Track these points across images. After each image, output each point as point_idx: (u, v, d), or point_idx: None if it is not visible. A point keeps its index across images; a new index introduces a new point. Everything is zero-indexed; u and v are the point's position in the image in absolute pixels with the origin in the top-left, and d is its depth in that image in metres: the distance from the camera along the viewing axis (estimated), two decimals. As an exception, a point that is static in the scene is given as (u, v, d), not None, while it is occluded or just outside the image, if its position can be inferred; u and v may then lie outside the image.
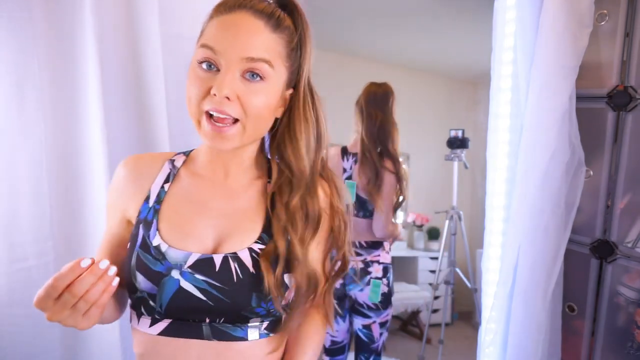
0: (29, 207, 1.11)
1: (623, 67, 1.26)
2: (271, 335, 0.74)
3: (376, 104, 1.84)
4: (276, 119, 0.77)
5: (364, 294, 1.80)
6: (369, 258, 1.83)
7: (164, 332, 0.69)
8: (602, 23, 1.29)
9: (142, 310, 0.70)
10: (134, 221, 0.75)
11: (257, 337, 0.72)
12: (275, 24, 0.70)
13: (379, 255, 1.84)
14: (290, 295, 0.74)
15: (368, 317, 1.81)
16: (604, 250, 1.29)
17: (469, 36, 3.51)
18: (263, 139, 0.82)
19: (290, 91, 0.77)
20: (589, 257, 1.33)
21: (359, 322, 1.85)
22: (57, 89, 1.13)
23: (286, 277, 0.72)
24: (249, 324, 0.71)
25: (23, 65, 1.08)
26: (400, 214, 4.52)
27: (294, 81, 0.77)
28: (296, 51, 0.74)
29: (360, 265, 1.82)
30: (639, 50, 1.22)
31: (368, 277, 1.80)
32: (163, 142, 1.23)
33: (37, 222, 1.12)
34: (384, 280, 1.81)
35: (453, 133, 3.06)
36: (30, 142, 1.10)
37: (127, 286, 0.71)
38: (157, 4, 1.20)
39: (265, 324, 0.73)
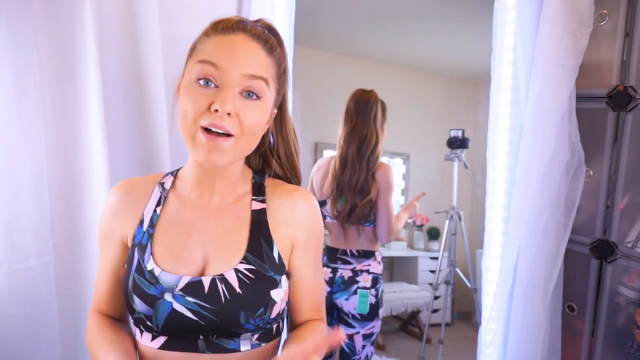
0: (29, 207, 1.10)
1: (623, 67, 1.26)
2: (263, 345, 0.76)
3: (359, 111, 1.81)
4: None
5: (350, 304, 1.76)
6: (358, 267, 1.79)
7: (163, 347, 0.73)
8: (602, 23, 1.29)
9: (142, 328, 0.74)
10: (129, 244, 0.79)
11: (250, 347, 0.74)
12: (269, 48, 0.75)
13: (369, 265, 1.80)
14: (279, 308, 0.76)
15: (352, 327, 1.77)
16: (604, 250, 1.29)
17: (469, 36, 3.51)
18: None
19: (275, 111, 0.82)
20: (589, 257, 1.33)
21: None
22: (57, 89, 1.13)
23: (272, 293, 0.74)
24: (241, 338, 0.74)
25: (23, 65, 1.08)
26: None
27: (279, 102, 0.83)
28: (282, 75, 0.80)
29: (349, 274, 1.78)
30: (639, 50, 1.22)
31: (355, 286, 1.76)
32: (163, 142, 1.23)
33: (37, 222, 1.11)
34: (372, 290, 1.76)
35: (453, 133, 3.06)
36: (30, 142, 1.10)
37: (126, 307, 0.76)
38: (157, 4, 1.20)
39: (256, 335, 0.75)
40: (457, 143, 3.03)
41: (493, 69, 1.44)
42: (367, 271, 1.79)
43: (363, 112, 1.79)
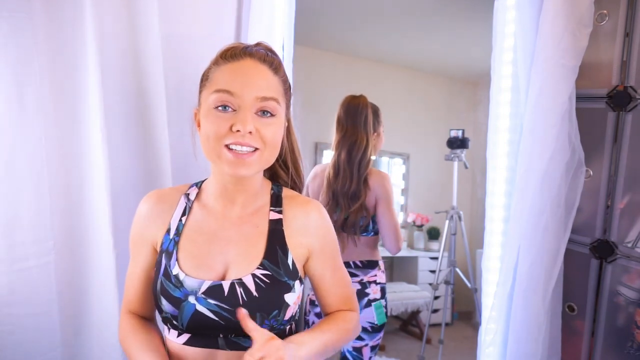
0: (29, 207, 1.11)
1: (623, 67, 1.26)
2: None
3: (349, 117, 1.79)
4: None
5: (361, 317, 1.66)
6: (365, 279, 1.73)
7: (187, 343, 0.81)
8: (602, 23, 1.29)
9: (169, 326, 0.83)
10: (158, 250, 0.87)
11: None
12: (275, 68, 0.83)
13: (375, 275, 1.74)
14: (292, 311, 0.83)
15: (361, 339, 1.71)
16: (604, 250, 1.29)
17: (469, 36, 3.51)
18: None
19: (286, 124, 0.89)
20: (589, 257, 1.33)
21: (349, 344, 1.72)
22: (57, 89, 1.13)
23: (286, 297, 0.81)
24: None
25: (23, 65, 1.08)
26: (400, 214, 4.54)
27: (288, 115, 0.90)
28: (288, 91, 0.87)
29: (357, 286, 1.71)
30: (639, 50, 1.22)
31: (365, 299, 1.70)
32: (163, 142, 1.23)
33: (37, 222, 1.11)
34: (382, 301, 1.72)
35: (453, 133, 3.06)
36: (30, 142, 1.10)
37: (155, 307, 0.85)
38: (157, 4, 1.20)
39: None
40: (457, 143, 3.03)
41: (493, 69, 1.44)
42: (375, 282, 1.73)
43: (352, 117, 1.78)
